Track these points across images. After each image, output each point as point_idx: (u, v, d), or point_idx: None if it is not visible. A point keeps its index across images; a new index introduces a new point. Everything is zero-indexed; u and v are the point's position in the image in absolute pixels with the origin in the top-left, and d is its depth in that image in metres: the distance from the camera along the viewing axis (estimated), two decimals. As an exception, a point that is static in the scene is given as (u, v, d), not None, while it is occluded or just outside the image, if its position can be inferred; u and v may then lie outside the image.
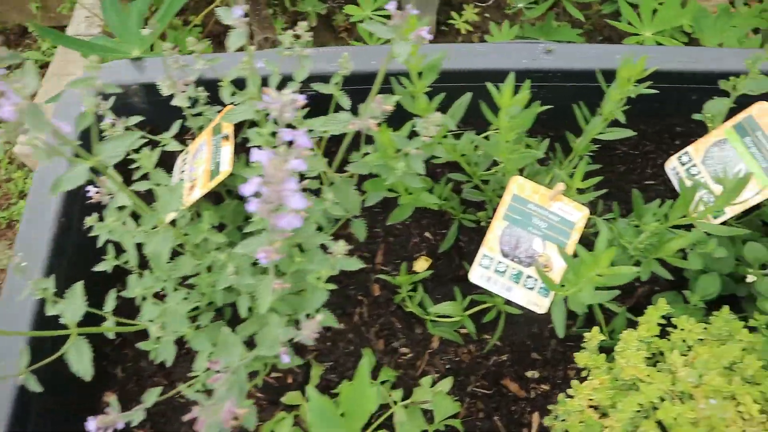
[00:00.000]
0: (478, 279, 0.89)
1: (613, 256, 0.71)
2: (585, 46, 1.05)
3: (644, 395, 0.75)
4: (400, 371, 0.98)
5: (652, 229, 0.82)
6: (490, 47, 1.03)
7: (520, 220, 0.89)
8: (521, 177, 0.90)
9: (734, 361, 0.79)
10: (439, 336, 1.01)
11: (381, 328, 1.01)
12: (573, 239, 0.89)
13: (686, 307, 0.92)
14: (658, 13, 1.31)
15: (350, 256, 0.77)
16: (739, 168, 0.89)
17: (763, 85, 0.89)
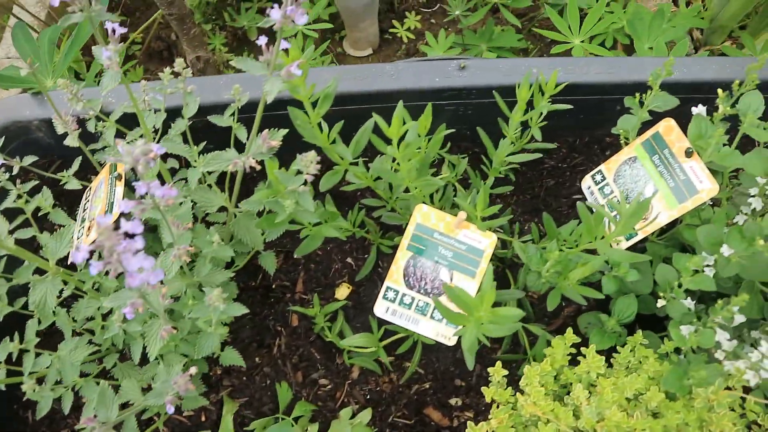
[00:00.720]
0: (382, 313, 0.87)
1: (494, 298, 0.68)
2: (499, 61, 1.02)
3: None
4: (319, 404, 0.96)
5: (555, 257, 0.80)
6: (401, 67, 1.00)
7: (425, 250, 0.87)
8: (425, 205, 0.88)
9: (640, 392, 0.77)
10: (359, 365, 0.99)
11: (300, 359, 0.99)
12: (482, 267, 0.87)
13: (602, 332, 0.90)
14: (585, 19, 1.27)
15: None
16: (648, 187, 0.87)
17: (670, 101, 0.86)
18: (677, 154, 0.84)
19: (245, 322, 0.99)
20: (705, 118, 0.82)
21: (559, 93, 0.93)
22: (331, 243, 1.06)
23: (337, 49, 1.66)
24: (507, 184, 1.11)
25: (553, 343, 0.80)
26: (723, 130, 0.79)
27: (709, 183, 0.81)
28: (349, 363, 0.98)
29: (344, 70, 1.00)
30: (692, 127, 0.81)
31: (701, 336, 0.78)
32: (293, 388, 0.96)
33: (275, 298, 1.02)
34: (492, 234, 0.88)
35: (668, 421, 0.74)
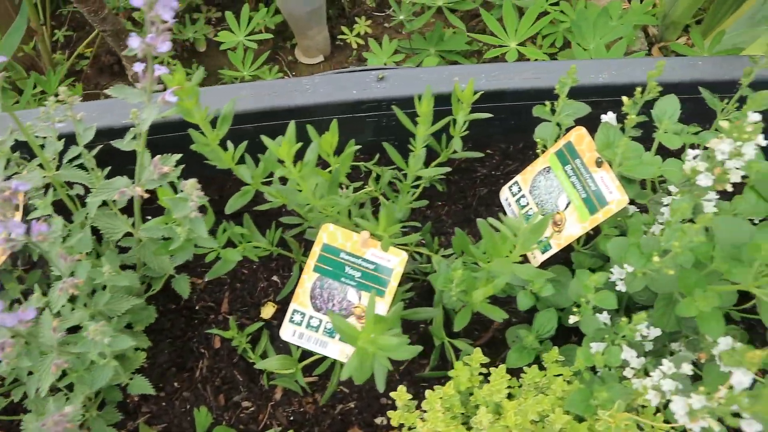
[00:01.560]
0: (289, 336, 0.84)
1: (386, 327, 0.66)
2: (420, 70, 1.00)
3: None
4: (241, 427, 0.94)
5: (458, 276, 0.77)
6: (317, 80, 0.98)
7: (331, 270, 0.84)
8: (332, 225, 0.85)
9: (545, 414, 0.75)
10: (282, 386, 0.97)
11: (222, 382, 0.97)
12: (391, 286, 0.85)
13: (521, 348, 0.87)
14: (521, 21, 1.24)
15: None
16: (561, 198, 0.84)
17: (581, 109, 0.83)
18: (588, 164, 0.81)
19: (164, 346, 0.97)
20: (613, 126, 0.79)
21: (488, 99, 0.91)
22: (257, 261, 1.05)
23: (288, 57, 1.64)
24: (435, 193, 1.09)
25: (456, 366, 0.78)
26: (629, 139, 0.76)
27: (618, 194, 0.79)
28: (270, 384, 0.96)
29: (261, 85, 0.98)
30: (599, 135, 0.78)
31: (608, 354, 0.75)
32: (214, 412, 0.94)
33: (199, 320, 1.01)
34: (402, 252, 0.85)
35: (572, 448, 0.71)
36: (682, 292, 0.73)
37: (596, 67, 1.01)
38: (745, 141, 0.65)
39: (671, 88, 1.03)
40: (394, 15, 1.48)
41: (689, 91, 0.98)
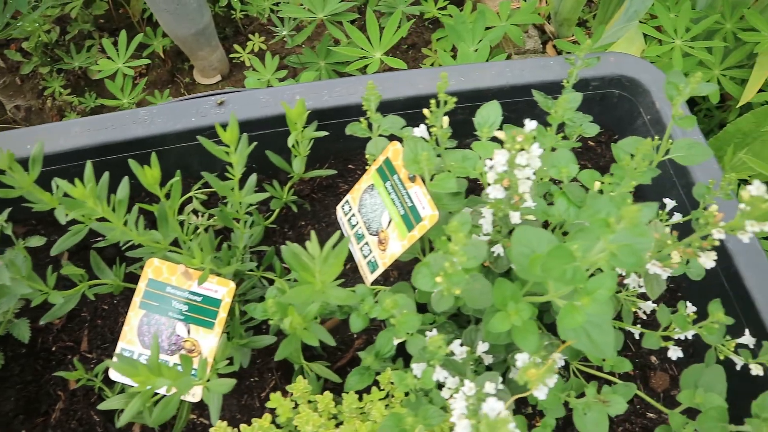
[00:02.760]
0: (119, 377, 0.83)
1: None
2: (258, 92, 0.98)
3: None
4: (98, 469, 0.93)
5: (270, 303, 0.75)
6: (154, 110, 0.96)
7: (158, 306, 0.83)
8: (157, 259, 0.84)
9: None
10: (139, 424, 0.95)
11: (79, 423, 0.95)
12: (221, 317, 0.83)
13: (362, 370, 0.86)
14: (384, 31, 1.22)
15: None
16: (384, 216, 0.82)
17: (397, 123, 0.81)
18: (404, 180, 0.80)
19: (11, 393, 0.95)
20: (418, 139, 0.77)
21: (337, 114, 0.90)
22: (118, 296, 1.03)
23: (186, 79, 1.63)
24: (300, 213, 1.07)
25: (273, 397, 0.76)
26: (429, 153, 0.74)
27: (430, 209, 0.77)
28: (128, 423, 0.95)
29: (95, 120, 0.96)
30: (405, 150, 0.77)
31: (423, 376, 0.74)
32: (68, 455, 0.93)
33: (57, 361, 0.99)
34: (229, 282, 0.84)
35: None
36: (497, 306, 0.72)
37: (431, 76, 1.00)
38: (517, 151, 0.63)
39: (522, 90, 1.02)
40: (275, 30, 1.46)
41: (546, 91, 0.97)
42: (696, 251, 0.70)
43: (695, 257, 0.71)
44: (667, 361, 1.05)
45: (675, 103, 0.80)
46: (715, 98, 1.33)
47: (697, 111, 1.54)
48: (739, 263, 0.94)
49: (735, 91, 1.35)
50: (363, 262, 0.85)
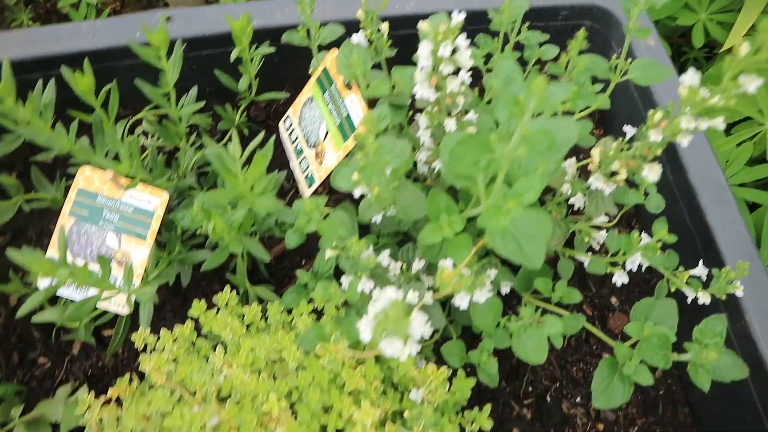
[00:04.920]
0: (46, 285, 0.81)
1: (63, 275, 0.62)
2: (208, 9, 0.95)
3: (154, 402, 0.67)
4: (34, 384, 0.92)
5: (196, 210, 0.73)
6: (98, 24, 0.93)
7: (88, 215, 0.81)
8: (89, 167, 0.81)
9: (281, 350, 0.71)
10: (80, 341, 0.94)
11: (18, 339, 0.94)
12: (153, 229, 0.81)
13: (299, 287, 0.83)
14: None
15: None
16: (322, 128, 0.79)
17: (335, 30, 0.78)
18: (340, 89, 0.76)
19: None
20: (354, 45, 0.73)
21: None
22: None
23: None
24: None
25: (194, 304, 0.73)
26: (361, 56, 0.70)
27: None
28: (68, 340, 0.93)
29: (37, 32, 0.93)
30: (339, 56, 0.73)
31: (349, 287, 0.71)
32: (5, 369, 0.92)
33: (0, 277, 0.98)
34: (163, 192, 0.81)
35: (299, 381, 0.67)
36: (430, 217, 0.69)
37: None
38: (440, 42, 0.59)
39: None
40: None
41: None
42: (639, 163, 0.67)
43: (639, 170, 0.67)
44: (627, 303, 1.02)
45: (632, 15, 0.76)
46: (698, 41, 1.27)
47: (684, 61, 1.48)
48: (701, 197, 0.90)
49: (721, 37, 1.29)
50: (301, 177, 0.82)
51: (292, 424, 0.65)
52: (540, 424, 0.93)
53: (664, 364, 0.72)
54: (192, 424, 0.64)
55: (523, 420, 0.94)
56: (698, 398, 0.94)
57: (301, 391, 0.67)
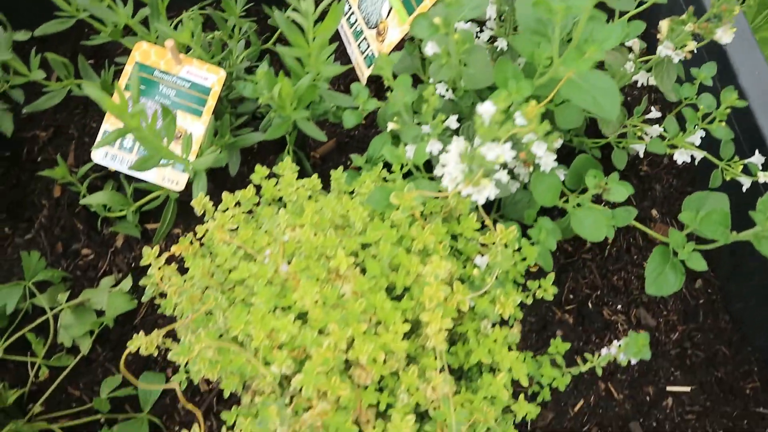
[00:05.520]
0: (101, 158, 0.81)
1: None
2: None
3: (219, 256, 0.67)
4: (79, 273, 0.91)
5: (260, 76, 0.72)
6: None
7: (144, 89, 0.80)
8: (145, 42, 0.81)
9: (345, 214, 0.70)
10: (123, 234, 0.93)
11: (62, 230, 0.93)
12: (209, 105, 0.81)
13: (353, 172, 0.83)
14: None
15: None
16: (384, 6, 0.79)
17: None
18: (407, -36, 0.76)
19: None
20: None
21: None
22: (107, 114, 1.00)
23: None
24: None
25: (257, 169, 0.73)
26: None
27: (431, -12, 0.73)
28: (111, 232, 0.93)
29: None
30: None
31: (416, 152, 0.71)
32: (50, 258, 0.91)
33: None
34: (220, 69, 0.81)
35: (367, 238, 0.67)
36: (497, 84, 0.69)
37: None
38: None
39: None
40: None
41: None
42: (712, 27, 0.67)
43: (712, 34, 0.67)
44: (668, 215, 1.02)
45: None
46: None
47: None
48: (752, 102, 0.90)
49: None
50: (360, 59, 0.81)
51: (360, 279, 0.64)
52: (582, 329, 0.94)
53: (724, 239, 0.72)
54: (260, 276, 0.63)
55: (565, 324, 0.94)
56: (738, 307, 0.95)
57: (368, 252, 0.67)
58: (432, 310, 0.62)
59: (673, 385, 0.90)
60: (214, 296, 0.64)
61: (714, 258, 0.97)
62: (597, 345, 0.93)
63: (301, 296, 0.61)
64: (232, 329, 0.62)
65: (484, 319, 0.69)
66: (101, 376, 0.85)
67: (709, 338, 0.93)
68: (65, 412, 0.82)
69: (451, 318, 0.61)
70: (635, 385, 0.90)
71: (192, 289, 0.66)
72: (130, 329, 0.88)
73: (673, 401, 0.89)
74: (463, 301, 0.64)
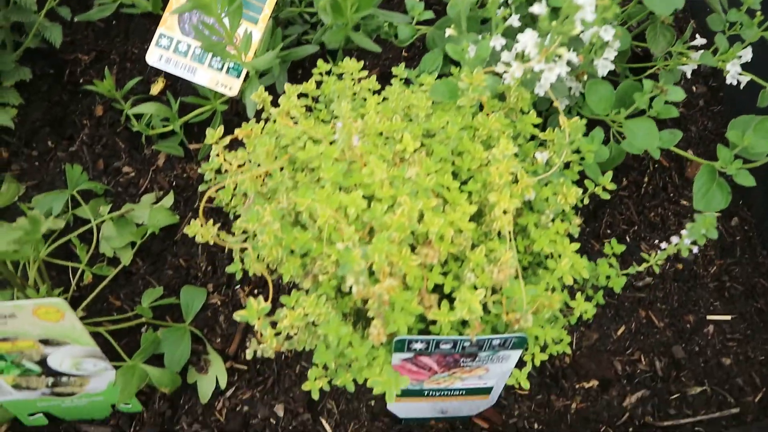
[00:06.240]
0: (155, 61, 0.81)
1: None
2: None
3: (286, 137, 0.66)
4: (120, 190, 0.90)
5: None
6: None
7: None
8: (204, -53, 0.81)
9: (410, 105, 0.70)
10: (165, 153, 0.92)
11: (103, 148, 0.93)
12: (265, 13, 0.81)
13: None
14: None
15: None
16: None
17: None
18: None
19: (39, 106, 0.93)
20: None
21: None
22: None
23: None
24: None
25: (320, 63, 0.73)
26: None
27: None
28: (154, 151, 0.92)
29: None
30: None
31: (479, 48, 0.71)
32: (91, 174, 0.90)
33: (83, 93, 0.96)
34: (276, -23, 0.81)
35: (432, 125, 0.67)
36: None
37: None
38: None
39: None
40: None
41: None
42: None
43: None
44: (704, 156, 1.03)
45: None
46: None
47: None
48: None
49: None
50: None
51: (427, 161, 0.64)
52: (620, 262, 0.94)
53: (776, 149, 0.73)
54: (327, 155, 0.63)
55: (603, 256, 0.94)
56: (776, 243, 0.96)
57: (433, 140, 0.67)
58: (500, 190, 0.62)
59: (713, 314, 0.90)
60: (279, 174, 0.64)
61: (749, 197, 0.98)
62: (634, 278, 0.93)
63: (371, 172, 0.61)
64: (298, 205, 0.61)
65: (544, 214, 0.69)
66: (142, 288, 0.84)
67: (747, 272, 0.94)
68: (107, 318, 0.80)
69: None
70: (675, 314, 0.90)
71: (256, 168, 0.65)
72: (171, 245, 0.87)
73: (715, 329, 0.89)
74: (528, 188, 0.64)
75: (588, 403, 0.81)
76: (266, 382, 0.80)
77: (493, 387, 0.71)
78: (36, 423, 0.76)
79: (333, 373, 0.64)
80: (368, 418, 0.78)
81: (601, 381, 0.83)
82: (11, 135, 0.90)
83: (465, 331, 0.62)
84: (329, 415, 0.78)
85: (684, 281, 0.93)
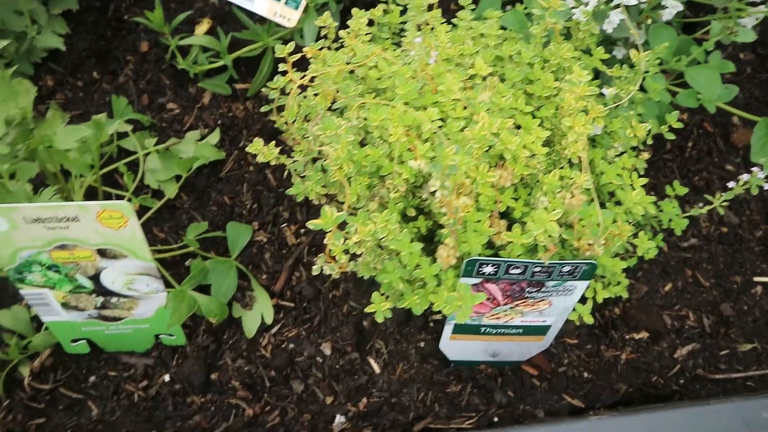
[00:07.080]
0: (214, -14, 0.79)
1: None
2: None
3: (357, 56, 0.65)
4: (164, 125, 0.88)
5: None
6: None
7: None
8: None
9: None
10: (211, 91, 0.91)
11: (147, 84, 0.91)
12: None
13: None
14: None
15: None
16: None
17: None
18: None
19: (85, 37, 0.91)
20: None
21: None
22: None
23: None
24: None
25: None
26: None
27: None
28: (199, 88, 0.90)
29: None
30: None
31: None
32: (135, 108, 0.88)
33: (127, 30, 0.95)
34: None
35: (502, 51, 0.66)
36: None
37: None
38: None
39: None
40: None
41: None
42: None
43: None
44: (748, 124, 1.03)
45: None
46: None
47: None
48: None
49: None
50: None
51: (500, 85, 0.63)
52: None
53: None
54: (401, 73, 0.62)
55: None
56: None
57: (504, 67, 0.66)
58: (574, 114, 0.61)
59: (761, 276, 0.89)
60: (353, 89, 0.62)
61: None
62: (679, 238, 0.92)
63: (447, 89, 0.60)
64: (370, 121, 0.60)
65: (612, 147, 0.68)
66: (186, 222, 0.82)
67: (793, 237, 0.93)
68: (152, 248, 0.78)
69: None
70: (722, 275, 0.89)
71: (327, 83, 0.63)
72: (216, 182, 0.85)
73: (763, 290, 0.88)
74: (599, 118, 0.63)
75: (638, 354, 0.80)
76: (313, 320, 0.78)
77: (550, 326, 0.70)
78: (78, 350, 0.74)
79: (396, 299, 0.62)
80: (417, 359, 0.77)
81: (652, 333, 0.82)
82: (57, 63, 0.89)
83: (534, 257, 0.61)
84: (378, 355, 0.77)
85: (729, 244, 0.92)
